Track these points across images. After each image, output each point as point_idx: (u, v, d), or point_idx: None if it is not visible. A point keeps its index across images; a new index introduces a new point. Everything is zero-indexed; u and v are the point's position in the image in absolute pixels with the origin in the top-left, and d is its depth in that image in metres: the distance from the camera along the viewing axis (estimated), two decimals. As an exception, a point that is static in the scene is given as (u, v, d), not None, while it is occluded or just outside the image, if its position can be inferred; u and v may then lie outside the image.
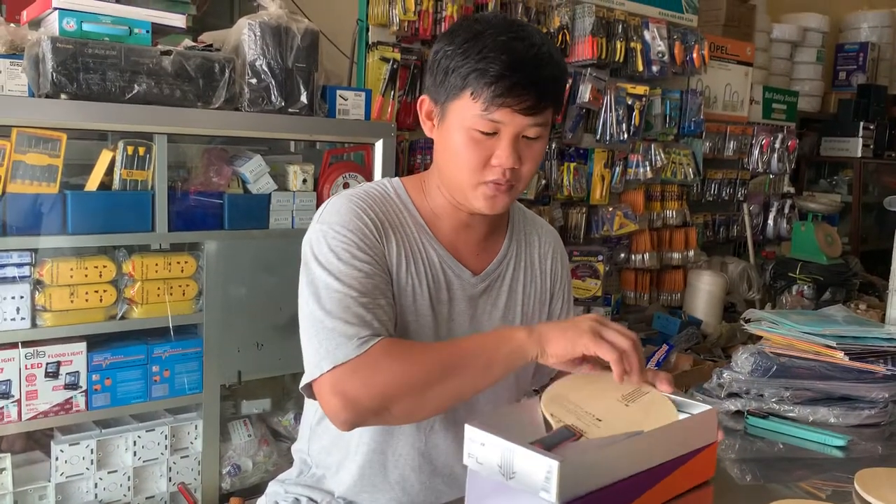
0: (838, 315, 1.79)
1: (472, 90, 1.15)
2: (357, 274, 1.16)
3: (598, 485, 0.98)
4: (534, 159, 1.21)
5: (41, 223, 1.91)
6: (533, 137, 1.19)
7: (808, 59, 4.94)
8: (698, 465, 1.13)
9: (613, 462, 1.00)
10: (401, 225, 1.26)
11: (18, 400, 1.91)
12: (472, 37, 1.16)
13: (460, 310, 1.29)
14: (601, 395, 1.11)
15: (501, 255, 1.35)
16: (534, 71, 1.14)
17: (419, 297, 1.25)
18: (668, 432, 1.08)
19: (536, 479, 0.94)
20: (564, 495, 0.94)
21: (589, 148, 3.46)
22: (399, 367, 1.10)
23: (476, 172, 1.19)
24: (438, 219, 1.29)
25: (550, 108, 1.19)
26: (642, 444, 1.04)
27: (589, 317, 1.11)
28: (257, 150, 2.30)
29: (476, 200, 1.22)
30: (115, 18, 1.94)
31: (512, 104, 1.14)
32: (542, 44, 1.17)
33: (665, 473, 1.07)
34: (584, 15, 3.27)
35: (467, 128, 1.17)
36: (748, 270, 4.18)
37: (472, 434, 1.01)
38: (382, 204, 1.26)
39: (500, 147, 1.17)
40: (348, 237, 1.19)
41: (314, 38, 2.21)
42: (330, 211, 1.23)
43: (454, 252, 1.30)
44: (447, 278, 1.28)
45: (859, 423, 1.49)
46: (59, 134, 1.91)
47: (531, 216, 1.47)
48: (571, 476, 0.93)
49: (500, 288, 1.34)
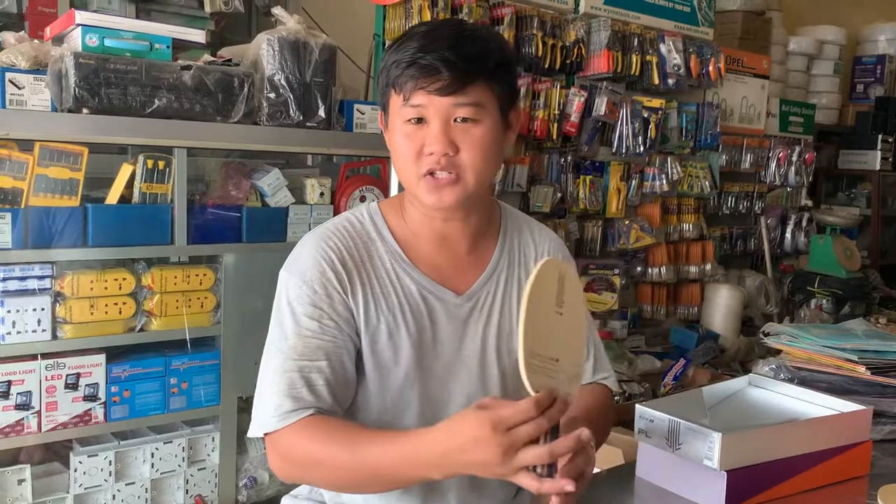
0: (859, 329, 1.78)
1: (392, 82, 1.15)
2: (304, 332, 1.15)
3: (757, 460, 1.14)
4: (474, 145, 1.14)
5: (62, 236, 1.93)
6: (467, 121, 1.14)
7: (826, 71, 4.91)
8: (850, 460, 1.27)
9: (771, 442, 1.18)
10: (370, 260, 1.21)
11: (38, 411, 1.92)
12: (401, 37, 1.17)
13: (445, 335, 1.23)
14: (545, 319, 0.99)
15: (490, 269, 1.28)
16: (447, 50, 1.10)
17: (395, 333, 1.20)
18: (821, 424, 1.25)
19: (700, 449, 1.13)
20: (726, 464, 1.11)
21: (605, 161, 3.45)
22: (308, 456, 1.10)
23: (413, 164, 1.16)
24: (416, 238, 1.24)
25: (479, 86, 1.13)
26: (796, 432, 1.21)
27: (483, 424, 0.92)
28: (275, 163, 2.32)
29: (423, 195, 1.17)
30: (136, 34, 1.97)
31: (425, 85, 1.11)
32: (466, 28, 1.16)
33: (816, 462, 1.22)
34: (600, 28, 3.28)
35: (400, 123, 1.16)
36: (766, 284, 4.14)
37: (641, 412, 1.22)
38: (352, 240, 1.22)
39: (430, 134, 1.14)
40: (303, 290, 1.17)
41: (332, 52, 2.23)
42: (295, 257, 1.22)
43: (436, 274, 1.24)
44: (428, 305, 1.22)
45: (882, 438, 1.47)
46: (81, 148, 1.93)
47: (524, 220, 1.38)
48: (733, 447, 1.10)
49: (492, 305, 1.27)
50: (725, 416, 1.37)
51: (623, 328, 3.57)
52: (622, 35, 3.35)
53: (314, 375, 1.13)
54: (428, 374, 1.22)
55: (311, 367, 1.13)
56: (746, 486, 1.16)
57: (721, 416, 1.36)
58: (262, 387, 1.15)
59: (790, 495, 1.20)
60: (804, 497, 1.21)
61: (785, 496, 1.20)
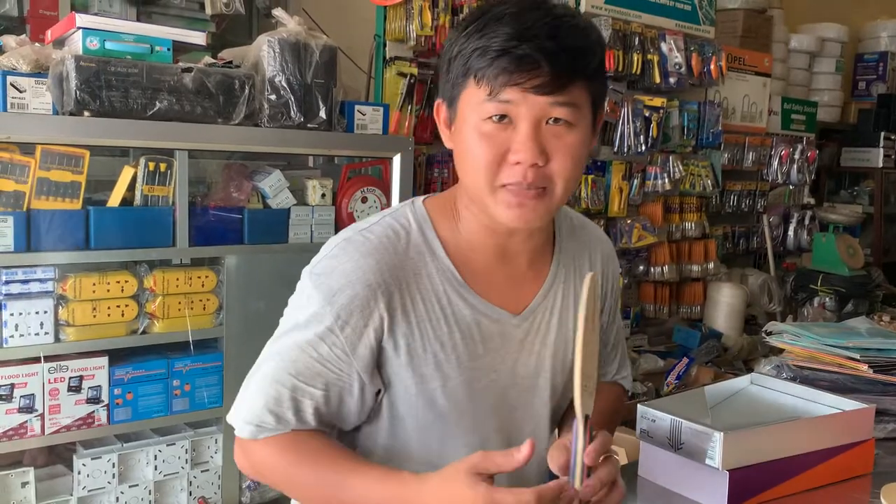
0: (862, 327, 1.78)
1: (475, 73, 0.97)
2: (310, 352, 1.04)
3: (758, 459, 1.14)
4: (567, 153, 0.99)
5: (64, 239, 1.93)
6: (561, 124, 0.98)
7: (827, 69, 4.91)
8: (853, 459, 1.27)
9: (773, 441, 1.17)
10: (416, 283, 1.05)
11: (41, 414, 1.92)
12: (479, 17, 0.99)
13: (500, 359, 1.10)
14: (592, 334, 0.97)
15: (547, 284, 1.15)
16: (546, 40, 0.94)
17: (444, 364, 1.06)
18: (824, 423, 1.25)
19: (702, 448, 1.13)
20: (729, 463, 1.11)
21: (607, 160, 3.45)
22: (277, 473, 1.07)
23: (491, 173, 0.99)
24: (473, 252, 1.09)
25: (579, 85, 0.98)
26: (799, 430, 1.21)
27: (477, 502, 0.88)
28: (276, 165, 2.32)
29: (498, 210, 1.00)
30: (137, 37, 1.97)
31: (521, 80, 0.95)
32: (562, 14, 0.98)
33: (819, 461, 1.22)
34: (601, 27, 3.27)
35: (477, 120, 0.99)
36: (769, 282, 4.14)
37: (643, 412, 1.22)
38: (397, 255, 1.05)
39: (517, 138, 0.97)
40: (326, 311, 1.02)
41: (332, 54, 2.23)
42: (328, 268, 1.05)
43: (491, 293, 1.09)
44: (482, 330, 1.08)
45: (885, 437, 1.47)
46: (83, 151, 1.93)
47: (579, 224, 1.24)
48: (735, 447, 1.10)
49: (550, 322, 1.14)
50: (727, 416, 1.37)
51: (626, 327, 3.56)
52: (623, 34, 3.34)
53: (305, 401, 1.04)
54: (478, 403, 1.11)
55: (304, 391, 1.04)
56: (749, 486, 1.16)
57: (723, 416, 1.37)
58: (252, 381, 1.09)
59: (793, 494, 1.20)
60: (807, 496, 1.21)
61: (787, 495, 1.20)
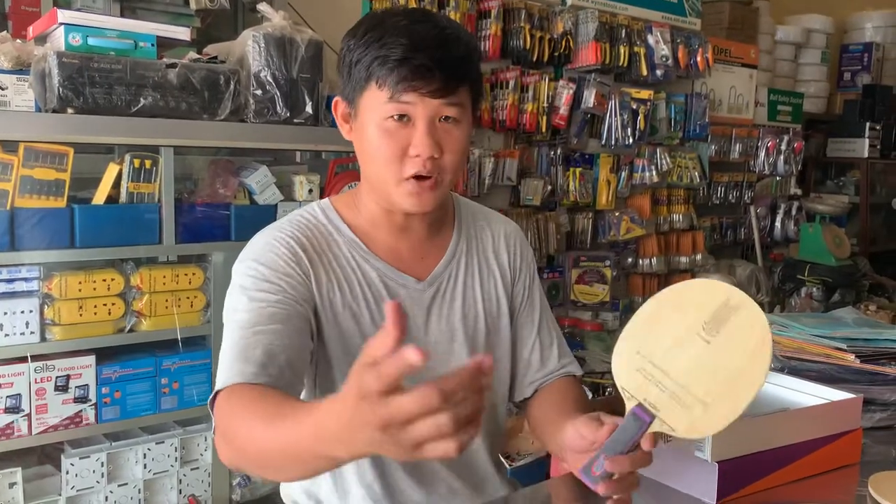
0: (848, 317, 1.79)
1: (376, 79, 1.11)
2: (258, 305, 1.10)
3: (748, 450, 1.16)
4: (456, 148, 1.15)
5: (49, 237, 1.91)
6: (450, 122, 1.14)
7: (813, 60, 4.93)
8: (841, 449, 1.28)
9: (762, 432, 1.18)
10: (329, 249, 1.21)
11: (28, 414, 1.91)
12: (373, 27, 1.13)
13: (410, 322, 1.21)
14: (678, 331, 1.03)
15: (449, 254, 1.29)
16: (437, 51, 1.10)
17: (362, 320, 1.20)
18: (812, 413, 1.26)
19: (691, 440, 1.12)
20: (718, 455, 1.13)
21: (594, 153, 3.46)
22: (229, 427, 0.97)
23: (395, 166, 1.14)
24: (375, 228, 1.25)
25: (464, 88, 1.15)
26: (787, 421, 1.22)
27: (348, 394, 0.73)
28: (263, 160, 2.30)
29: (401, 199, 1.16)
30: (120, 32, 1.95)
31: (419, 86, 1.10)
32: (446, 26, 1.14)
33: (808, 451, 1.24)
34: (588, 20, 3.28)
35: (379, 119, 1.13)
36: (756, 273, 4.16)
37: None
38: (307, 230, 1.22)
39: (416, 135, 1.12)
40: (258, 270, 1.15)
41: (318, 48, 2.22)
42: (248, 248, 1.21)
43: (396, 261, 1.25)
44: (390, 291, 1.23)
45: (872, 426, 1.48)
46: (66, 148, 1.91)
47: (480, 210, 1.40)
48: (724, 438, 1.09)
49: (454, 290, 1.28)
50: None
51: (615, 319, 3.57)
52: (610, 26, 3.35)
53: (260, 338, 1.05)
54: None
55: (265, 330, 1.07)
56: (738, 477, 1.16)
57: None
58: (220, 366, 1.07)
59: (782, 485, 1.21)
60: (796, 486, 1.22)
61: (777, 486, 1.20)
